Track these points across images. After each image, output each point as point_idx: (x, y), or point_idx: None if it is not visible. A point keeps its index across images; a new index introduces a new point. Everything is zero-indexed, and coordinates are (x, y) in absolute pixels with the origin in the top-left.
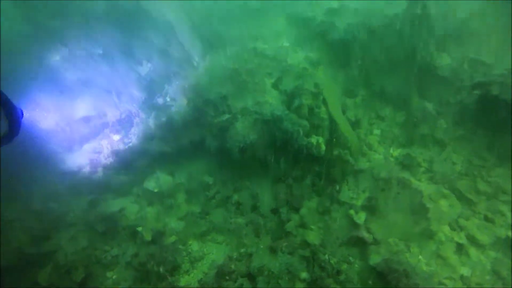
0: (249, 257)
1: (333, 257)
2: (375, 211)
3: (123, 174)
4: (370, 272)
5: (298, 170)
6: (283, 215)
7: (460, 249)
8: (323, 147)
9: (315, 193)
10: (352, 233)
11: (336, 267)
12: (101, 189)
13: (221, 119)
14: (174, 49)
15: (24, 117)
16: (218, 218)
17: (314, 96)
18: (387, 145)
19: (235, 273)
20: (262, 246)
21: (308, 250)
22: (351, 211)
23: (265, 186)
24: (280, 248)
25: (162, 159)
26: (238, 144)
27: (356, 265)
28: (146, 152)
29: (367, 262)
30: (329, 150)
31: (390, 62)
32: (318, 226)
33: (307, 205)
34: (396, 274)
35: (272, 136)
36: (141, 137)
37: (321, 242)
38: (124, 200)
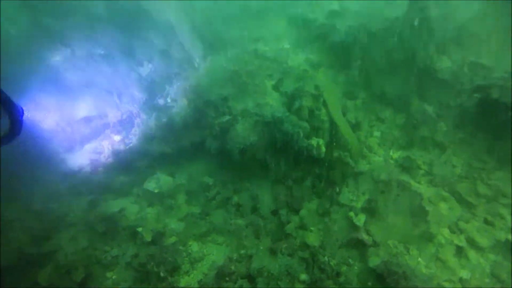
0: (249, 259)
1: (333, 259)
2: (375, 213)
3: (124, 175)
4: (370, 274)
5: (298, 172)
6: (283, 217)
7: (460, 252)
8: (323, 149)
9: (315, 195)
10: (352, 235)
11: (336, 269)
12: (102, 190)
13: (222, 121)
14: (175, 50)
15: (25, 116)
16: (218, 219)
17: (315, 98)
18: (387, 148)
19: (235, 274)
20: (262, 248)
21: (308, 252)
22: (351, 213)
23: (265, 188)
24: (280, 250)
25: (163, 160)
26: (239, 146)
27: (356, 267)
28: (147, 153)
29: (367, 264)
30: (329, 152)
31: (391, 65)
32: (318, 228)
33: (307, 207)
34: (395, 276)
35: (273, 138)
36: (142, 138)
37: (321, 244)
38: (124, 201)
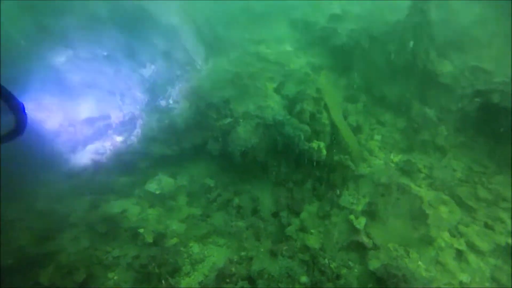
0: (250, 261)
1: (333, 262)
2: (375, 217)
3: (125, 176)
4: (370, 277)
5: (299, 175)
6: (284, 219)
7: (460, 256)
8: (324, 152)
9: (316, 198)
10: (352, 238)
11: (336, 272)
12: (103, 190)
13: (223, 123)
14: (177, 52)
15: (27, 112)
16: (219, 221)
17: (316, 102)
18: (388, 151)
19: (236, 276)
20: (263, 250)
21: (308, 254)
22: (351, 216)
23: (266, 190)
24: (280, 252)
25: (164, 161)
26: (240, 148)
27: (356, 270)
28: (149, 154)
29: (367, 267)
30: (330, 155)
31: (391, 68)
32: (318, 231)
33: (308, 210)
34: (395, 280)
35: (274, 141)
36: (144, 139)
37: (321, 246)
38: (126, 202)
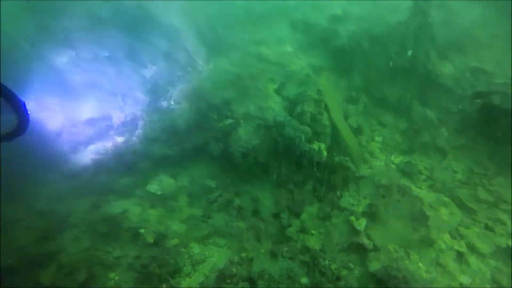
0: (250, 261)
1: (333, 263)
2: (376, 218)
3: (126, 176)
4: (370, 279)
5: (300, 176)
6: (284, 220)
7: (460, 258)
8: (325, 153)
9: (316, 199)
10: (352, 239)
11: (336, 273)
12: (104, 191)
13: (224, 124)
14: (179, 53)
15: (28, 111)
16: (220, 222)
17: (317, 103)
18: (389, 152)
19: (236, 277)
20: (263, 251)
21: (309, 255)
22: (352, 218)
23: (267, 191)
24: (281, 253)
25: (165, 162)
26: (241, 149)
27: (356, 271)
28: (150, 155)
29: (367, 269)
30: (331, 157)
31: (392, 70)
32: (319, 232)
33: (308, 211)
34: (396, 281)
35: (274, 142)
36: (145, 140)
37: (322, 248)
38: (127, 202)
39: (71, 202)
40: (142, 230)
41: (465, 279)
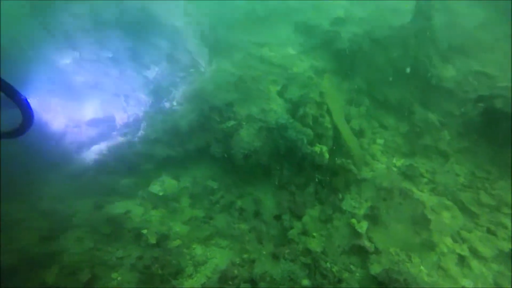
0: (252, 263)
1: (335, 265)
2: (377, 221)
3: (129, 177)
4: (371, 281)
5: (301, 178)
6: (286, 222)
7: (462, 261)
8: (327, 156)
9: (318, 201)
10: (354, 242)
11: (338, 276)
12: (107, 191)
13: (227, 126)
14: (181, 54)
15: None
16: (222, 223)
17: (319, 106)
18: (390, 155)
19: (238, 279)
20: (265, 253)
21: (310, 258)
22: (353, 220)
23: (268, 193)
24: (283, 255)
25: (168, 163)
26: (243, 151)
27: (357, 274)
28: (152, 156)
29: (368, 271)
30: (333, 159)
31: (395, 73)
32: (320, 234)
33: (310, 213)
34: (397, 284)
35: (276, 144)
36: (147, 141)
37: (323, 250)
38: (130, 203)
39: (74, 202)
40: (145, 231)
41: (467, 283)
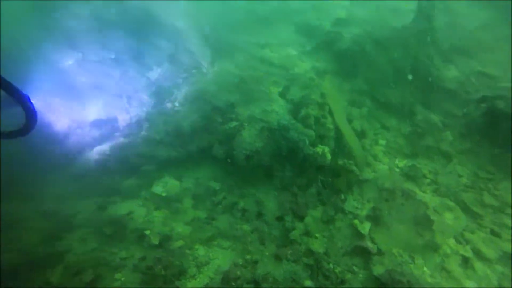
0: (255, 264)
1: (337, 266)
2: (380, 222)
3: (132, 178)
4: (374, 283)
5: (303, 179)
6: (288, 223)
7: (466, 263)
8: (329, 157)
9: (320, 202)
10: (356, 243)
11: (340, 277)
12: (110, 192)
13: (229, 126)
14: (183, 55)
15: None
16: (224, 224)
17: (321, 106)
18: (392, 156)
19: (241, 280)
20: (267, 254)
21: (312, 259)
22: (356, 221)
23: (270, 194)
24: (285, 256)
25: (170, 164)
26: (245, 152)
27: (360, 275)
28: (154, 157)
29: (371, 272)
30: (334, 160)
31: (396, 73)
32: (323, 235)
33: (312, 214)
34: (400, 285)
35: (278, 145)
36: (150, 142)
37: (325, 251)
38: (132, 204)
39: (77, 203)
40: (147, 232)
41: (471, 285)
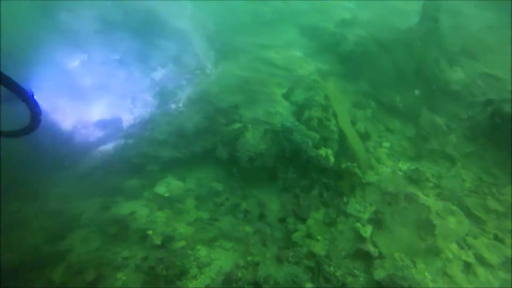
0: (256, 266)
1: (339, 269)
2: (382, 225)
3: (135, 178)
4: (375, 287)
5: (306, 181)
6: (290, 225)
7: (468, 268)
8: (332, 159)
9: (322, 205)
10: (358, 246)
11: (341, 280)
12: (113, 192)
13: (232, 128)
14: (188, 57)
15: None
16: (226, 225)
17: (324, 109)
18: (396, 159)
19: (242, 281)
20: (269, 255)
21: (314, 261)
22: (358, 224)
23: (273, 196)
24: (286, 258)
25: (173, 165)
26: (248, 153)
27: (361, 279)
28: (158, 157)
29: (372, 276)
30: (338, 162)
31: (401, 75)
32: (324, 238)
33: (314, 216)
34: None
35: (282, 147)
36: (153, 142)
37: (327, 254)
38: (135, 204)
39: (81, 203)
40: (150, 232)
41: None
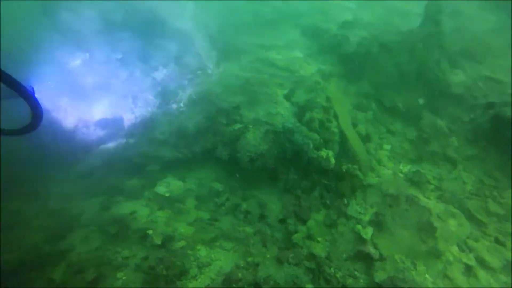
0: (256, 266)
1: (339, 271)
2: (382, 227)
3: (135, 178)
4: None
5: (307, 182)
6: (291, 226)
7: (469, 271)
8: (333, 161)
9: (323, 206)
10: (359, 248)
11: (342, 281)
12: (114, 192)
13: (233, 128)
14: (189, 57)
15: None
16: (227, 226)
17: (325, 110)
18: (397, 161)
19: (242, 282)
20: (269, 256)
21: (314, 263)
22: (358, 226)
23: (274, 196)
24: (287, 259)
25: (174, 165)
26: (249, 154)
27: (362, 281)
28: (158, 157)
29: (373, 278)
30: (339, 164)
31: (402, 77)
32: (325, 239)
33: (315, 217)
34: None
35: (283, 148)
36: (154, 142)
37: (327, 255)
38: (136, 204)
39: (81, 202)
40: (150, 232)
41: None
